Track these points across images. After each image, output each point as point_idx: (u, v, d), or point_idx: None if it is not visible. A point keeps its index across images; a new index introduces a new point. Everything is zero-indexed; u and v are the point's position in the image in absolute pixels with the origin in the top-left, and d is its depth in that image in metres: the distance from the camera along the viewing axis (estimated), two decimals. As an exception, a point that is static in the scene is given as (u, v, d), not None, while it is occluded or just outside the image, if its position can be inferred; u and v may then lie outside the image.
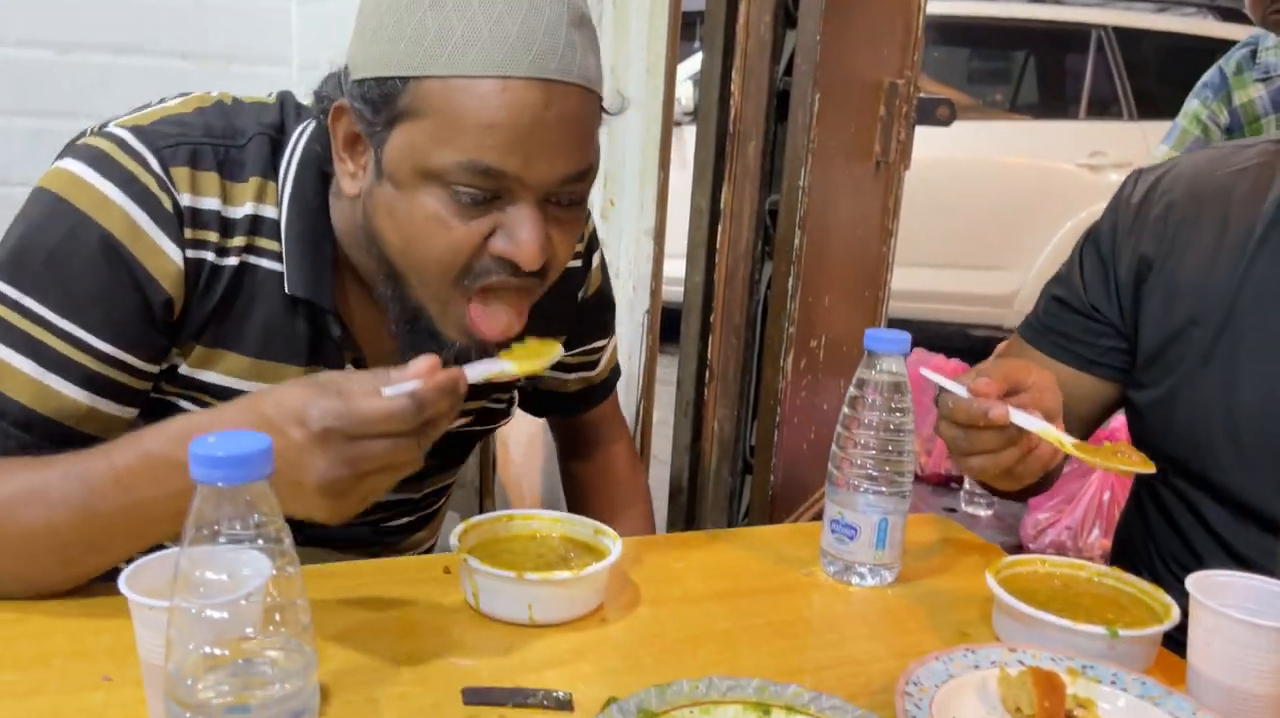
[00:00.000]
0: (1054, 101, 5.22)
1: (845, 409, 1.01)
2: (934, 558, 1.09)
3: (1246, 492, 0.99)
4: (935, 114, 1.92)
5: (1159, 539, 1.10)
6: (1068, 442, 0.89)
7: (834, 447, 1.01)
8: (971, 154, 5.04)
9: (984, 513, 2.47)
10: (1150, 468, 0.87)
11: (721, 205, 1.46)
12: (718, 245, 1.48)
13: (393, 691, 0.76)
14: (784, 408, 1.50)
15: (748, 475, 1.57)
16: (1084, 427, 1.18)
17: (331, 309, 0.91)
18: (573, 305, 1.11)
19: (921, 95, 1.86)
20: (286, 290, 0.90)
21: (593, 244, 1.14)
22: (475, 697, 0.76)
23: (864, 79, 1.66)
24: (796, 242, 1.46)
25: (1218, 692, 0.77)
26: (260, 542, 0.57)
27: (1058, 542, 2.21)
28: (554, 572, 0.87)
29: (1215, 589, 0.79)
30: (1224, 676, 0.77)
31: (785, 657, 0.87)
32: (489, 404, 1.11)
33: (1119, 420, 1.53)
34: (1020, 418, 0.89)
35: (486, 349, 0.87)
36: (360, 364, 0.96)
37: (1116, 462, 0.88)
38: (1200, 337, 1.02)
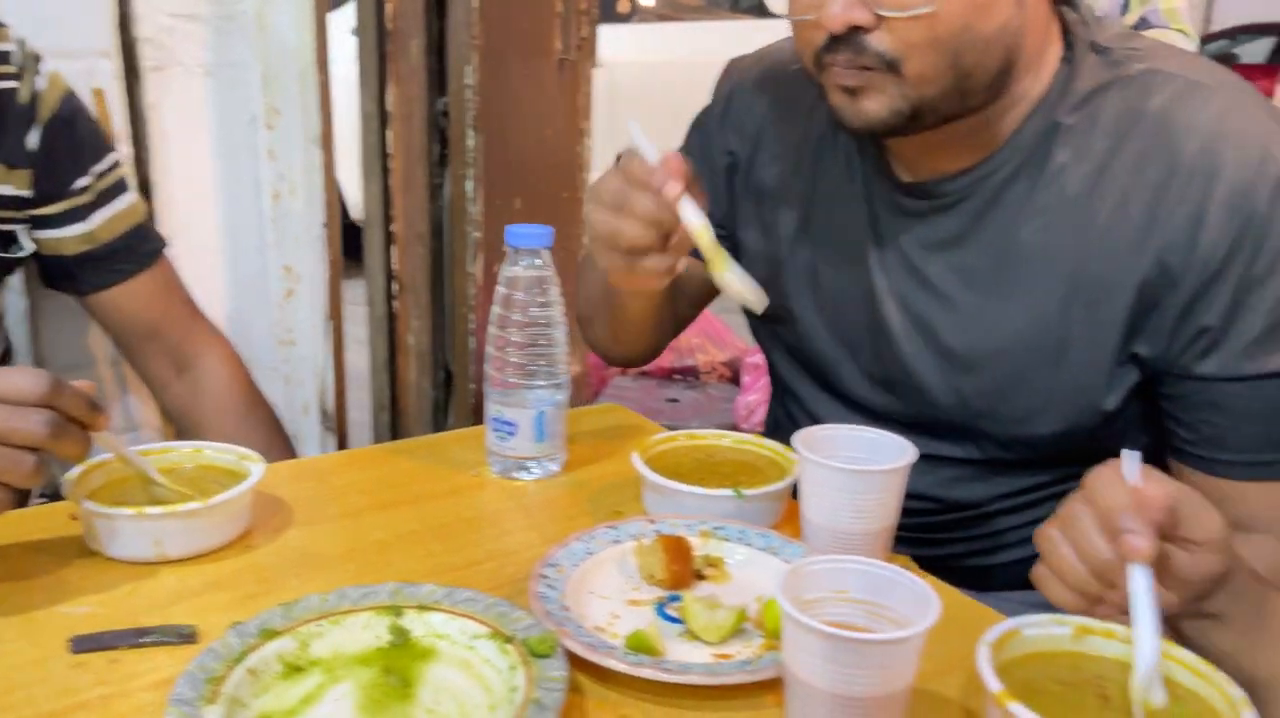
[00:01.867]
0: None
1: (495, 308, 1.00)
2: (602, 444, 1.12)
3: (835, 383, 1.05)
4: (615, 9, 1.91)
5: (781, 427, 1.16)
6: (712, 249, 0.87)
7: (488, 346, 1.01)
8: (697, 56, 5.16)
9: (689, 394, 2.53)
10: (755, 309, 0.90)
11: (389, 108, 1.41)
12: (390, 151, 1.43)
13: (-13, 651, 0.70)
14: (478, 314, 1.48)
15: (450, 385, 1.55)
16: (695, 307, 1.20)
17: None
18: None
19: (602, -10, 1.84)
20: None
21: (30, 58, 1.10)
22: (84, 644, 0.72)
23: (535, -27, 1.63)
24: (471, 143, 1.43)
25: (826, 535, 0.84)
26: None
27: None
28: (180, 504, 0.83)
29: (819, 442, 0.86)
30: (828, 519, 0.83)
31: (439, 557, 0.87)
32: None
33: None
34: (690, 210, 0.85)
35: None
36: None
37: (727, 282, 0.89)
38: (785, 233, 1.05)
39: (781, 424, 1.15)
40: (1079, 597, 0.66)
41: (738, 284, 0.89)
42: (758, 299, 0.89)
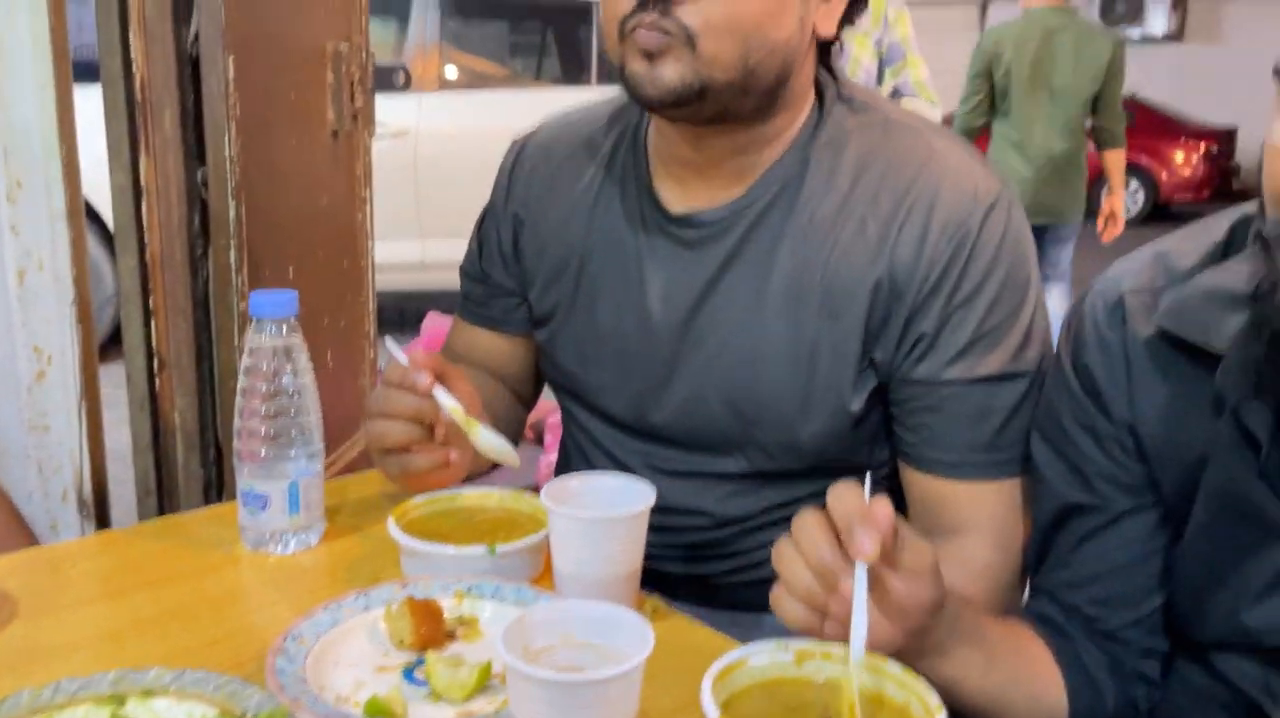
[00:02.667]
0: (574, 70, 5.55)
1: (241, 379, 0.98)
2: (367, 512, 1.10)
3: (616, 408, 1.11)
4: (392, 80, 1.93)
5: (574, 462, 1.20)
6: (475, 429, 0.97)
7: (236, 419, 0.98)
8: (503, 123, 5.23)
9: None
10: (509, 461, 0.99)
11: (143, 181, 1.36)
12: (146, 224, 1.38)
13: None
14: (250, 388, 1.44)
15: (221, 462, 1.49)
16: (524, 384, 1.26)
17: None
18: None
19: (379, 63, 1.86)
20: None
21: None
22: None
23: (301, 45, 1.63)
24: (234, 214, 1.40)
25: (577, 584, 0.86)
26: None
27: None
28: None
29: (568, 493, 0.88)
30: (576, 567, 0.85)
31: (175, 640, 0.83)
32: None
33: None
34: (441, 395, 0.96)
35: None
36: None
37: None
38: (566, 281, 1.12)
39: (570, 456, 1.21)
40: (806, 610, 0.71)
41: (491, 445, 0.98)
42: (511, 458, 0.99)
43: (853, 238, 0.97)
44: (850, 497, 0.70)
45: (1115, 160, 3.88)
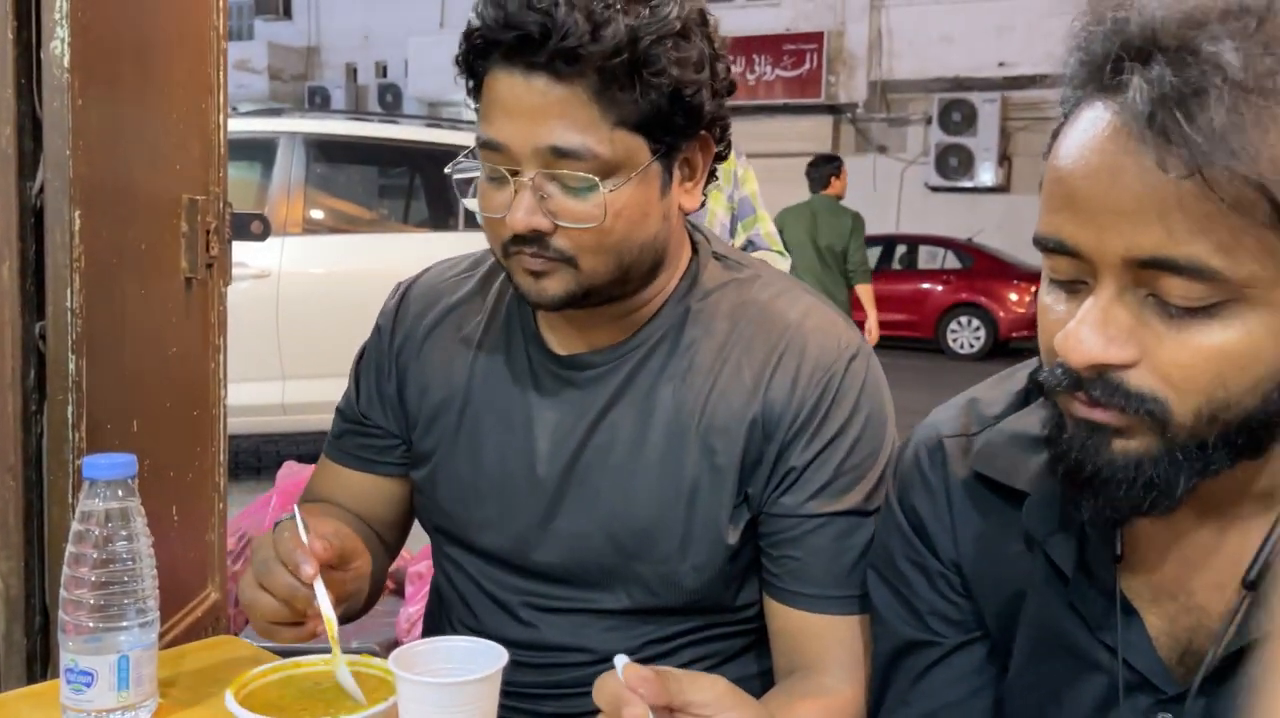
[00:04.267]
0: (441, 215, 5.63)
1: (70, 547, 0.93)
2: (205, 684, 1.04)
3: (496, 545, 1.11)
4: (249, 229, 1.93)
5: (447, 604, 1.18)
6: (341, 661, 0.93)
7: (61, 591, 0.93)
8: (369, 265, 5.23)
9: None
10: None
11: (-25, 335, 1.31)
12: (-25, 380, 1.31)
13: None
14: (83, 550, 1.35)
15: (49, 633, 1.39)
16: (391, 530, 1.25)
17: None
18: None
19: (236, 211, 1.85)
20: None
21: None
22: None
23: (155, 195, 1.61)
24: (73, 368, 1.35)
25: (425, 754, 0.82)
26: None
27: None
28: None
29: (415, 658, 0.86)
30: (424, 737, 0.82)
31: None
32: None
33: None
34: (321, 595, 0.92)
35: None
36: None
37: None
38: (448, 421, 1.14)
39: (443, 597, 1.20)
40: None
41: (346, 684, 0.93)
42: (360, 700, 0.93)
43: (730, 380, 1.04)
44: (606, 687, 0.74)
45: (865, 291, 5.85)
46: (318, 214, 5.40)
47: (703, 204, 1.16)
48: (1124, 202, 0.64)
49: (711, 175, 1.08)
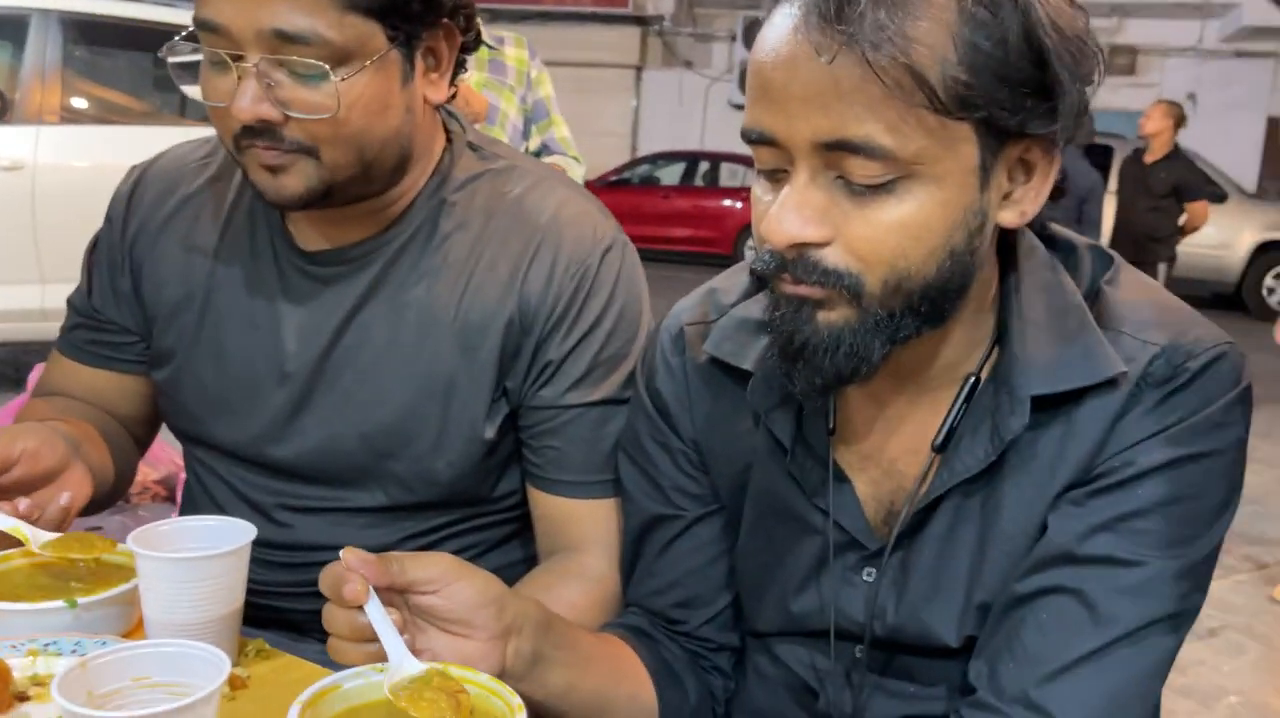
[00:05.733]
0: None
1: None
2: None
3: (241, 443, 1.09)
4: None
5: (200, 508, 1.15)
6: (33, 538, 0.89)
7: None
8: (137, 160, 4.86)
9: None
10: (107, 547, 0.92)
11: None
12: None
13: None
14: None
15: None
16: (137, 424, 1.20)
17: None
18: None
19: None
20: None
21: None
22: None
23: None
24: None
25: (168, 630, 0.83)
26: None
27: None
28: None
29: (158, 538, 0.85)
30: (166, 613, 0.83)
31: None
32: None
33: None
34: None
35: None
36: None
37: (68, 552, 0.90)
38: (188, 319, 1.09)
39: (196, 500, 1.16)
40: (360, 654, 0.75)
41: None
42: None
43: (485, 275, 1.04)
44: (328, 573, 0.75)
45: None
46: (79, 103, 4.94)
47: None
48: (806, 89, 0.69)
49: (460, 66, 1.05)
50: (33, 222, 4.44)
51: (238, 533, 0.86)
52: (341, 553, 0.75)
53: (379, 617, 0.72)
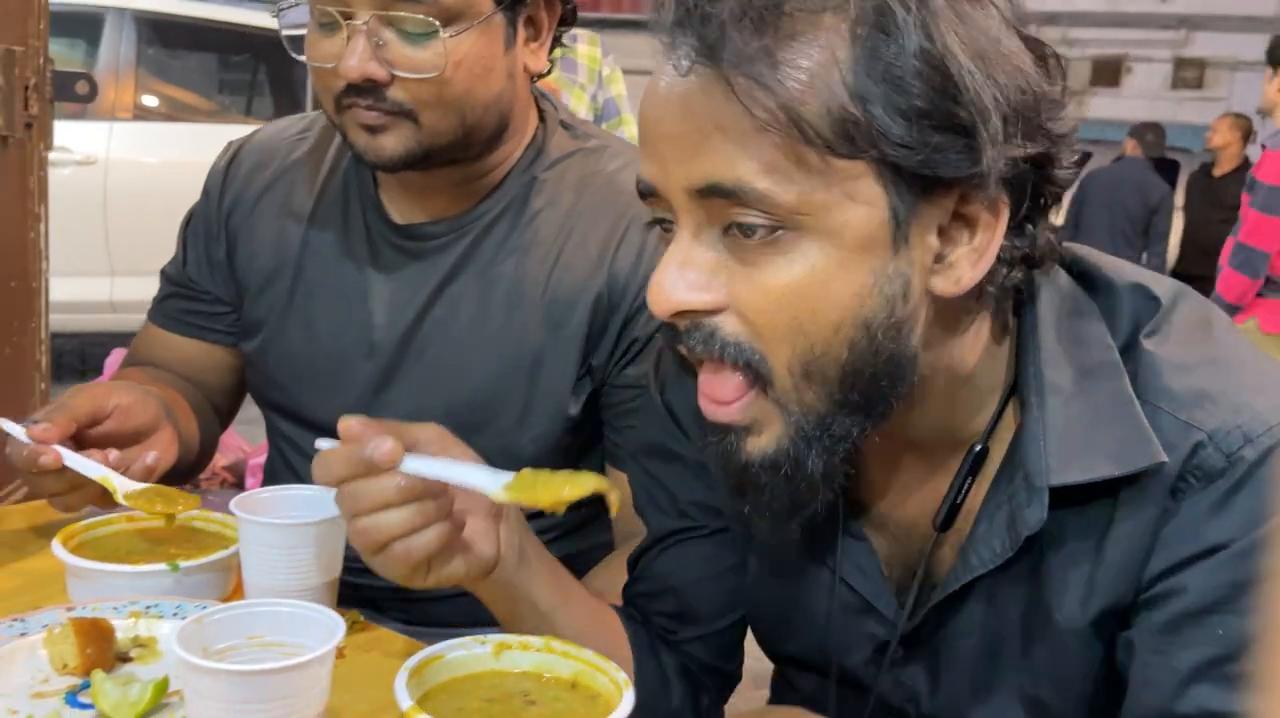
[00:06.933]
0: (287, 108, 5.35)
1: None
2: (27, 543, 0.99)
3: (328, 417, 1.07)
4: (74, 89, 1.79)
5: (281, 479, 1.16)
6: (120, 487, 0.89)
7: None
8: (208, 157, 4.94)
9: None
10: (192, 503, 0.92)
11: None
12: None
13: None
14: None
15: None
16: (222, 396, 1.20)
17: None
18: None
19: (58, 69, 1.71)
20: None
21: None
22: None
23: (-36, 42, 1.48)
24: None
25: (265, 594, 0.82)
26: None
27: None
28: None
29: (258, 504, 0.85)
30: (266, 578, 0.82)
31: None
32: None
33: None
34: (73, 460, 0.88)
35: None
36: None
37: (155, 506, 0.90)
38: (279, 290, 1.10)
39: (278, 474, 1.16)
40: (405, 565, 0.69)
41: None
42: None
43: (574, 252, 1.03)
44: (332, 459, 0.70)
45: None
46: (151, 100, 5.04)
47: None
48: (674, 128, 0.60)
49: (557, 42, 1.05)
50: (104, 215, 4.53)
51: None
52: (340, 425, 0.69)
53: (426, 461, 0.68)
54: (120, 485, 0.90)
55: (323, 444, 0.70)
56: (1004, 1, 0.62)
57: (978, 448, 0.70)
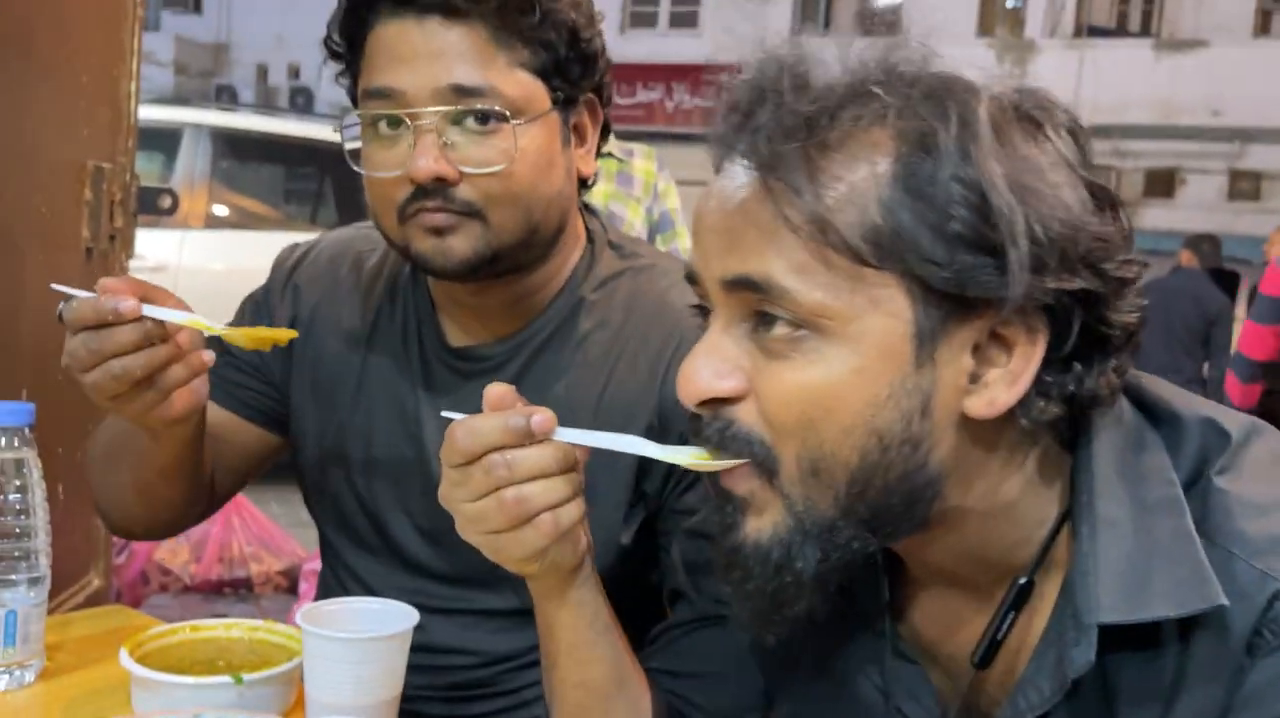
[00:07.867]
0: (350, 218, 5.53)
1: (-42, 496, 0.89)
2: (93, 648, 1.00)
3: (381, 541, 1.08)
4: (158, 203, 1.88)
5: (332, 593, 1.14)
6: (217, 326, 0.87)
7: (-54, 540, 0.89)
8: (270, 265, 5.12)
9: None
10: (290, 334, 0.92)
11: None
12: None
13: None
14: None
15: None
16: (227, 474, 1.17)
17: None
18: None
19: (144, 185, 1.80)
20: None
21: None
22: None
23: (60, 161, 1.56)
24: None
25: (328, 711, 0.82)
26: None
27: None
28: None
29: (323, 616, 0.85)
30: (331, 694, 0.82)
31: None
32: None
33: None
34: (155, 310, 0.84)
35: None
36: None
37: (256, 334, 0.90)
38: (342, 401, 1.10)
39: (330, 590, 1.14)
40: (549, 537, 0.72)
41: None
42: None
43: (625, 373, 1.01)
44: (474, 431, 0.71)
45: None
46: (221, 210, 5.25)
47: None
48: (718, 222, 0.64)
49: (598, 152, 1.06)
50: (171, 320, 4.69)
51: (401, 617, 0.85)
52: (486, 393, 0.72)
53: (578, 432, 0.70)
54: (211, 324, 0.86)
55: (451, 415, 0.71)
56: (1068, 143, 0.63)
57: (1021, 582, 0.67)
